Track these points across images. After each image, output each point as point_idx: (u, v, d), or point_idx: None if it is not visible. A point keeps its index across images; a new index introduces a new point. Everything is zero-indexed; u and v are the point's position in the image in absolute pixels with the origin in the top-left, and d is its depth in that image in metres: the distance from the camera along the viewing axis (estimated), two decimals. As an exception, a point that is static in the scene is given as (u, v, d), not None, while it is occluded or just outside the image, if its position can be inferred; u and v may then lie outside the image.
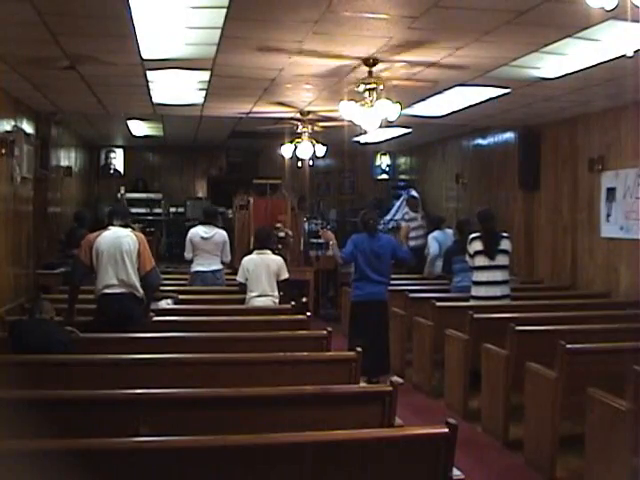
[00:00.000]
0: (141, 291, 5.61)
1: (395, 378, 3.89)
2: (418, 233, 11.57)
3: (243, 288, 7.09)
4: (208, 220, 8.32)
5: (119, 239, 5.60)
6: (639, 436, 3.83)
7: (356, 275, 7.29)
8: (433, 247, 9.67)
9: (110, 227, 5.71)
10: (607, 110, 8.23)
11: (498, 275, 7.10)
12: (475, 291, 7.19)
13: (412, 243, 11.24)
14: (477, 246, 7.11)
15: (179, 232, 13.91)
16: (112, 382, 3.99)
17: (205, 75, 6.98)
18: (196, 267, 8.20)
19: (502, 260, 7.11)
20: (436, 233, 9.74)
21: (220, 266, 8.24)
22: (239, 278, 7.12)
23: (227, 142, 13.94)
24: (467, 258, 7.26)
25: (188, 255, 8.26)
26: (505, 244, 7.16)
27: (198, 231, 8.22)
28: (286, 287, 7.24)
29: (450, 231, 9.60)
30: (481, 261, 7.09)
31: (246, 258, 7.23)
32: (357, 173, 15.77)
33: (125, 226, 5.82)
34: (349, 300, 7.85)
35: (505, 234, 7.33)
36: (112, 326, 5.40)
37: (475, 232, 7.28)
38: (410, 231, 11.15)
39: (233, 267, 9.75)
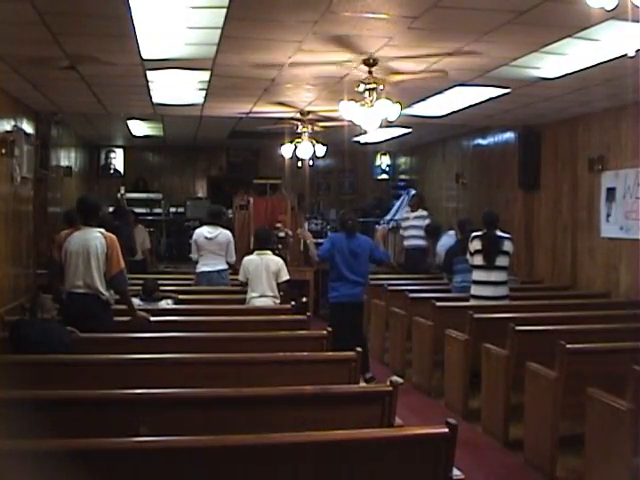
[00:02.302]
0: (106, 294, 5.54)
1: (395, 378, 3.88)
2: (410, 233, 11.45)
3: (245, 288, 7.10)
4: (212, 220, 8.32)
5: (87, 241, 5.50)
6: (639, 436, 3.83)
7: (333, 275, 7.26)
8: (441, 254, 9.36)
9: (82, 227, 5.60)
10: (607, 110, 8.23)
11: (495, 276, 7.09)
12: (474, 290, 7.21)
13: (405, 243, 11.26)
14: (477, 245, 7.13)
15: (179, 232, 13.92)
16: (112, 382, 3.99)
17: (205, 75, 6.98)
18: (201, 268, 8.19)
19: (501, 261, 7.10)
20: (443, 240, 9.44)
21: (225, 266, 8.22)
22: (240, 277, 7.16)
23: (227, 142, 13.94)
24: (468, 256, 7.28)
25: (194, 256, 8.25)
26: (507, 245, 7.17)
27: (202, 231, 8.22)
28: (286, 287, 7.24)
29: (452, 232, 9.54)
30: (479, 260, 7.11)
31: (246, 258, 7.24)
32: (357, 173, 15.78)
33: (101, 226, 5.72)
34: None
35: (507, 235, 7.32)
36: (76, 326, 5.32)
37: (476, 231, 7.29)
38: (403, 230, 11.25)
39: (234, 267, 9.76)
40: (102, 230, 5.65)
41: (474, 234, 7.25)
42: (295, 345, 5.17)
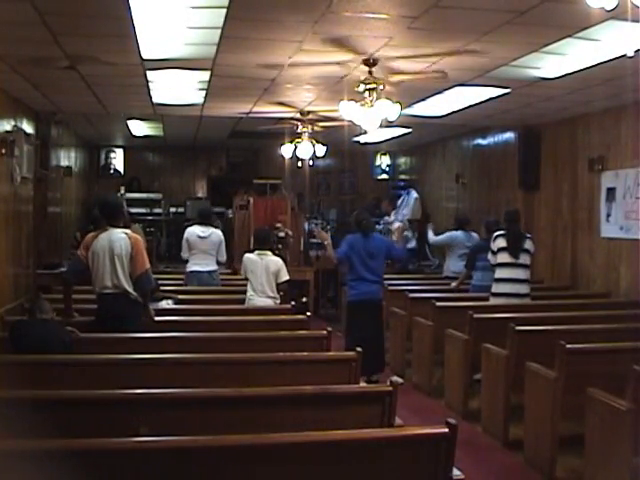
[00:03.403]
0: (134, 293, 5.59)
1: (395, 378, 3.89)
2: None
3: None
4: (204, 220, 8.38)
5: (112, 242, 5.55)
6: (639, 436, 3.83)
7: (351, 275, 7.31)
8: (440, 235, 9.76)
9: (107, 228, 5.66)
10: (607, 110, 8.23)
11: (519, 273, 7.16)
12: (496, 288, 7.24)
13: None
14: (501, 243, 7.18)
15: (179, 232, 13.87)
16: (112, 382, 3.99)
17: (205, 75, 6.98)
18: (192, 267, 8.25)
19: (524, 259, 7.17)
20: (458, 232, 9.60)
21: (216, 266, 8.29)
22: (242, 274, 7.21)
23: (227, 142, 13.93)
24: (489, 256, 7.30)
25: (185, 255, 8.34)
26: (528, 244, 7.24)
27: (195, 230, 8.29)
28: (286, 287, 7.25)
29: (476, 235, 9.58)
30: (504, 258, 7.15)
31: (247, 255, 7.23)
32: (357, 173, 15.77)
33: (125, 227, 5.82)
34: (346, 300, 7.88)
35: (528, 235, 7.38)
36: (107, 325, 5.42)
37: (499, 229, 7.33)
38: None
39: (233, 267, 9.76)
40: (127, 231, 5.73)
41: (497, 233, 7.31)
42: (295, 345, 5.17)
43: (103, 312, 5.59)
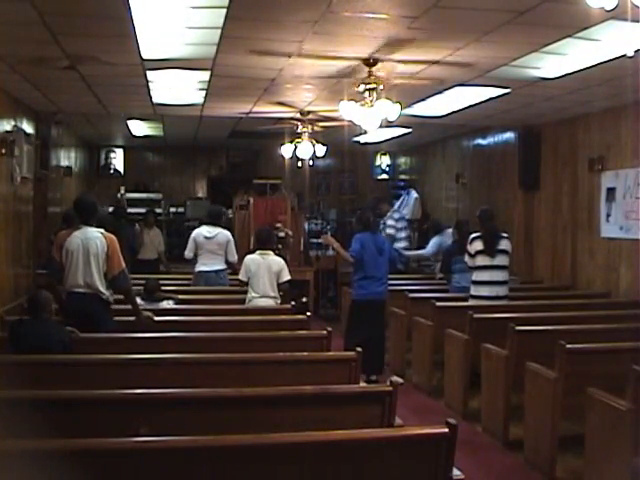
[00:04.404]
0: (106, 293, 5.55)
1: (395, 378, 3.88)
2: None
3: (246, 287, 7.10)
4: (212, 220, 8.36)
5: (87, 240, 5.51)
6: (639, 436, 3.83)
7: (360, 274, 7.33)
8: (430, 248, 9.86)
9: (81, 226, 5.61)
10: (607, 110, 8.23)
11: (498, 275, 7.11)
12: (475, 290, 7.19)
13: None
14: (478, 246, 7.12)
15: (179, 232, 13.90)
16: (112, 382, 3.99)
17: (205, 75, 6.98)
18: (200, 267, 8.24)
19: (502, 260, 7.12)
20: (437, 238, 9.75)
21: (223, 266, 8.26)
22: (241, 277, 7.14)
23: (227, 142, 13.93)
24: (466, 258, 7.27)
25: (189, 254, 8.30)
26: (505, 244, 7.18)
27: (202, 231, 8.27)
28: (286, 287, 7.23)
29: (450, 231, 9.59)
30: (482, 261, 7.10)
31: (248, 257, 7.21)
32: (357, 173, 15.77)
33: (99, 226, 5.75)
34: (350, 298, 7.88)
35: (505, 234, 7.33)
36: (77, 326, 5.31)
37: (475, 232, 7.30)
38: None
39: (233, 267, 9.76)
40: (102, 230, 5.67)
41: (473, 235, 7.25)
42: (295, 345, 5.17)
43: (73, 312, 5.49)
